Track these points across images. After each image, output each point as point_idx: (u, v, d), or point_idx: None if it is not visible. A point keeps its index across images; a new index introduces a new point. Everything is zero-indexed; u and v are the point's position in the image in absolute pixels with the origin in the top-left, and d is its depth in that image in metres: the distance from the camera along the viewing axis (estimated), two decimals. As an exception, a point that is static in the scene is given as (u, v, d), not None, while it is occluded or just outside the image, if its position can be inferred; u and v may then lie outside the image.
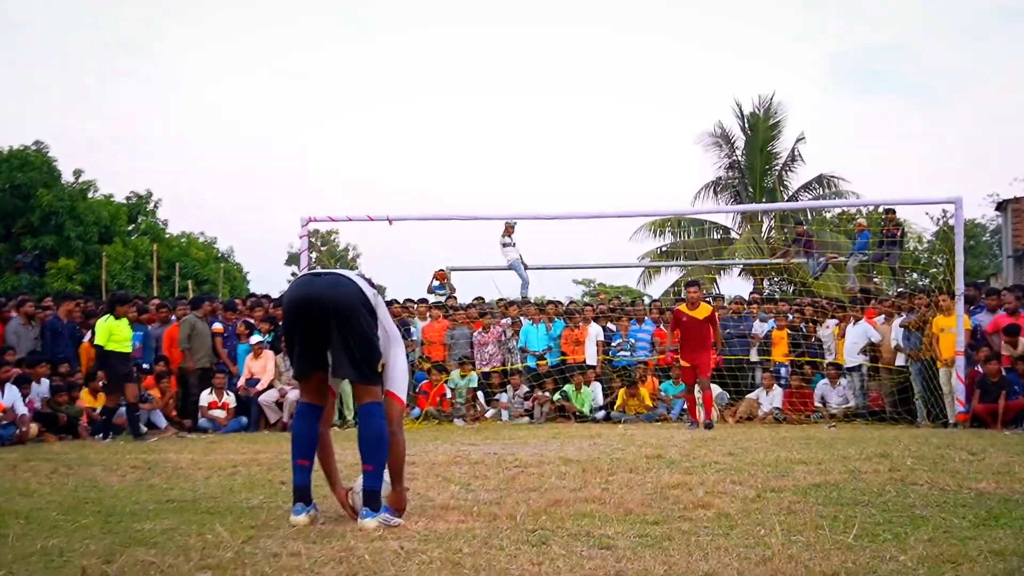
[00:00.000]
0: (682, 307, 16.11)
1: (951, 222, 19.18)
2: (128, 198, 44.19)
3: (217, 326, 17.71)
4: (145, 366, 16.55)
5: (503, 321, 20.00)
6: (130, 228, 43.51)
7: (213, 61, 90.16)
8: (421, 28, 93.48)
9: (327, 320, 6.04)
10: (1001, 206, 32.00)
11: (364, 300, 6.08)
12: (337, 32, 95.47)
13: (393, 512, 6.03)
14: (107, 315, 14.89)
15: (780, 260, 26.08)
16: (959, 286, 16.16)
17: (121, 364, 14.75)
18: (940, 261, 36.79)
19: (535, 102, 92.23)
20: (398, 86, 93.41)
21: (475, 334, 19.60)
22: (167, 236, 44.99)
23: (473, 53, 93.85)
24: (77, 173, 40.62)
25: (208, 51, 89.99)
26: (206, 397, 16.88)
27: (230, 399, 16.95)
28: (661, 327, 19.24)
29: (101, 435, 14.54)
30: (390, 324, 6.35)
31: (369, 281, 6.21)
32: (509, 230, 22.99)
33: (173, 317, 17.90)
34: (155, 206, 45.28)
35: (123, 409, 15.26)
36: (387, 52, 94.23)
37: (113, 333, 14.63)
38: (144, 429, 15.00)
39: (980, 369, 15.91)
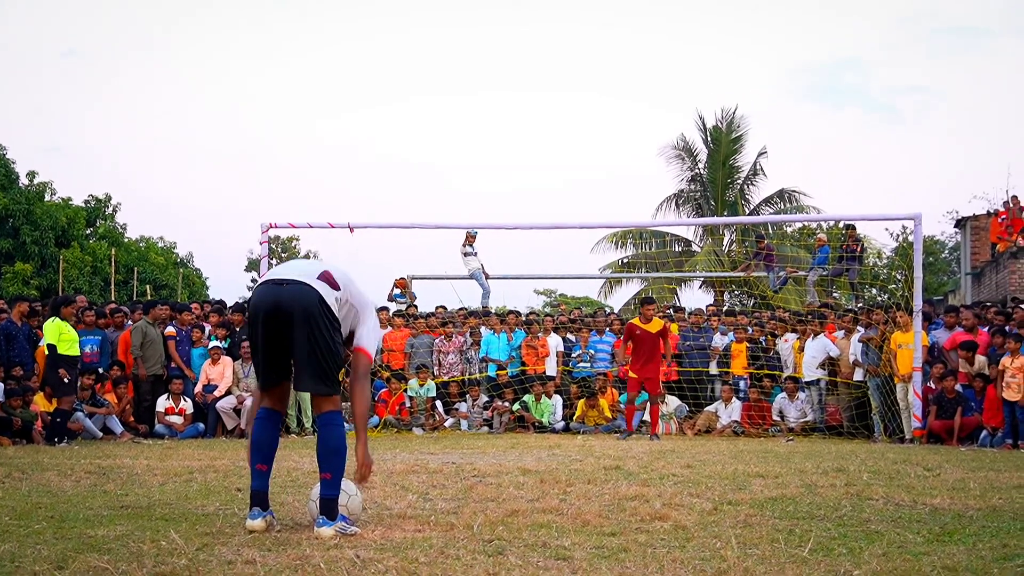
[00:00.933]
0: (636, 320, 16.18)
1: (910, 238, 19.31)
2: (87, 201, 43.86)
3: (170, 330, 17.57)
4: (101, 371, 16.40)
5: (464, 331, 19.98)
6: (88, 232, 43.17)
7: (171, 65, 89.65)
8: (379, 34, 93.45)
9: (290, 330, 6.02)
10: (960, 223, 32.33)
11: (326, 309, 6.04)
12: (297, 36, 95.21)
13: (350, 520, 5.99)
14: (52, 317, 14.73)
15: (741, 273, 26.24)
16: (917, 302, 16.32)
17: (69, 368, 14.63)
18: (899, 277, 37.06)
19: (497, 113, 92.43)
20: (362, 92, 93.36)
21: (437, 341, 19.56)
22: (126, 240, 44.69)
23: (433, 62, 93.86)
24: (31, 175, 40.21)
25: (166, 54, 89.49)
26: (163, 403, 16.72)
27: (187, 405, 16.82)
28: (621, 339, 19.31)
29: (57, 439, 14.37)
30: (360, 296, 6.34)
31: (329, 277, 6.13)
32: (470, 239, 23.00)
33: (129, 322, 17.73)
34: (114, 210, 44.99)
35: (80, 414, 15.14)
36: (349, 59, 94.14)
37: (62, 334, 14.48)
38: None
39: (932, 385, 16.06)
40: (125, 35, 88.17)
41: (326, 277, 6.12)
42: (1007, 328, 15.87)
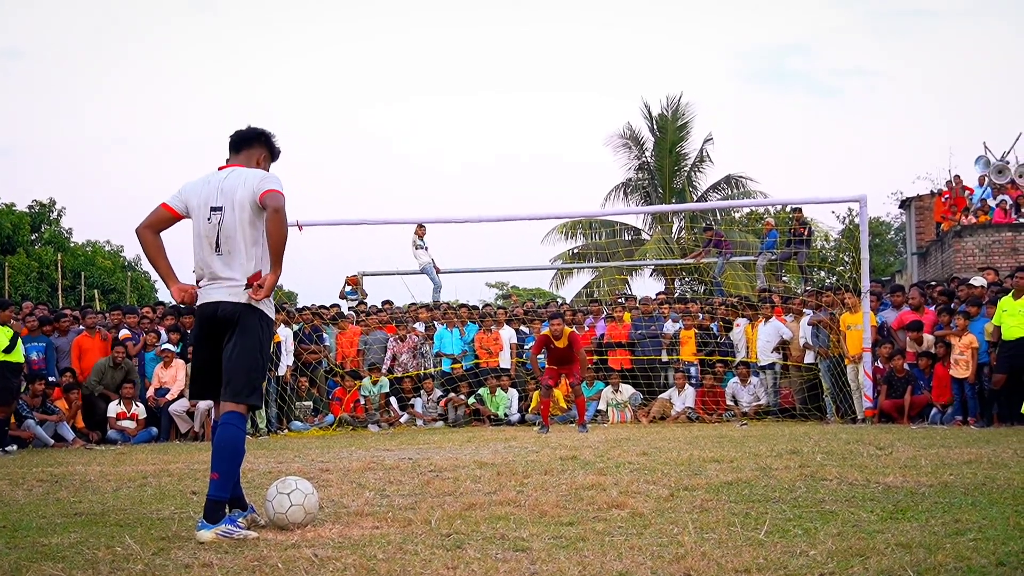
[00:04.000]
0: (548, 332, 16.07)
1: (856, 220, 19.50)
2: (31, 207, 43.32)
3: (124, 332, 17.44)
4: (51, 379, 16.21)
5: (418, 328, 19.93)
6: (33, 238, 42.64)
7: (114, 65, 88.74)
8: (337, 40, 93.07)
9: (221, 334, 6.10)
10: (905, 204, 32.62)
11: (258, 312, 6.07)
12: (245, 38, 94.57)
13: (239, 524, 5.90)
14: None
15: (692, 260, 26.39)
16: (864, 283, 16.48)
17: (10, 375, 14.35)
18: (847, 259, 37.44)
19: (440, 103, 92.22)
20: (301, 93, 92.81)
21: (390, 341, 19.51)
22: (72, 245, 44.20)
23: (375, 60, 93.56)
24: (-27, 182, 39.76)
25: (108, 55, 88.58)
26: (114, 408, 16.56)
27: (139, 410, 16.67)
28: (574, 329, 19.34)
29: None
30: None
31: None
32: (420, 231, 22.97)
33: (81, 327, 17.54)
34: (59, 215, 44.46)
35: (30, 421, 14.95)
36: (290, 61, 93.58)
37: None
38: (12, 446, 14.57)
39: (881, 365, 16.23)
40: (68, 35, 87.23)
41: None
42: (952, 307, 16.07)
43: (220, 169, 6.28)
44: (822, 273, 34.21)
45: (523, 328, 20.21)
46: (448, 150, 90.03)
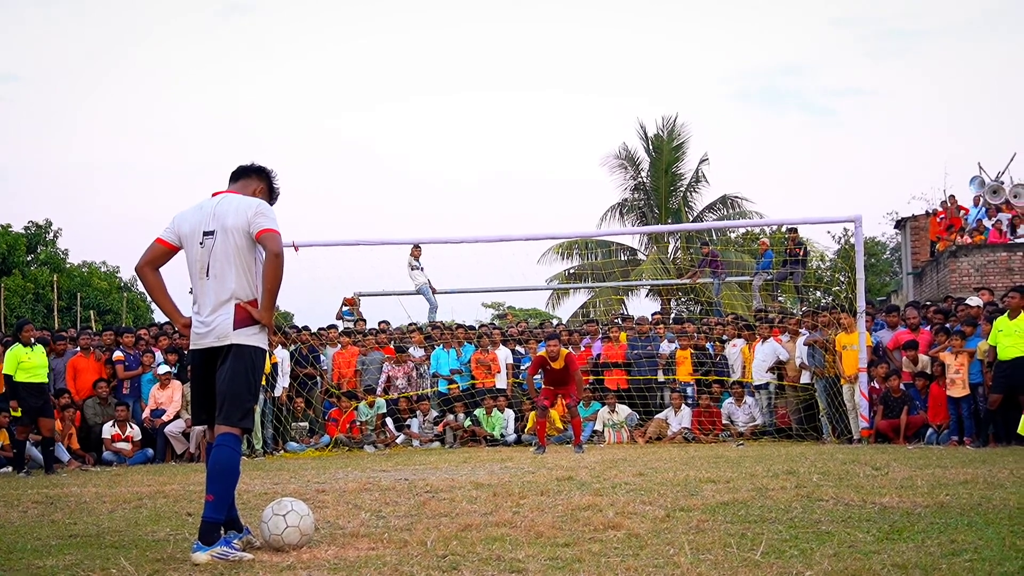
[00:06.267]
0: (544, 352, 16.10)
1: (852, 240, 19.54)
2: (27, 228, 43.32)
3: (118, 354, 17.42)
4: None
5: (416, 355, 19.92)
6: (29, 259, 42.62)
7: (108, 87, 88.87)
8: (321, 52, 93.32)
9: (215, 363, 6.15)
10: (900, 224, 32.68)
11: (249, 345, 6.12)
12: (238, 60, 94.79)
13: (235, 546, 5.88)
14: (15, 343, 14.47)
15: (687, 281, 26.40)
16: (860, 303, 16.49)
17: (33, 396, 14.31)
18: (842, 279, 37.47)
19: (436, 121, 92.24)
20: (296, 113, 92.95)
21: (386, 364, 19.49)
22: (68, 266, 44.18)
23: (374, 80, 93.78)
24: (-31, 203, 39.80)
25: (103, 77, 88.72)
26: (108, 430, 16.54)
27: (134, 431, 16.65)
28: (570, 350, 19.33)
29: (15, 469, 14.17)
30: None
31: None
32: (416, 252, 23.00)
33: (77, 348, 17.55)
34: (55, 236, 44.46)
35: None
36: (286, 81, 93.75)
37: (21, 361, 14.17)
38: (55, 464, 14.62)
39: (876, 385, 16.24)
40: (63, 59, 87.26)
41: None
42: (948, 326, 16.09)
43: (214, 195, 6.31)
44: (818, 293, 34.29)
45: (519, 348, 20.20)
46: (444, 169, 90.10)
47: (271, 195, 6.57)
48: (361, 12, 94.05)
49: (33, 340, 14.45)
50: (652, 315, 22.12)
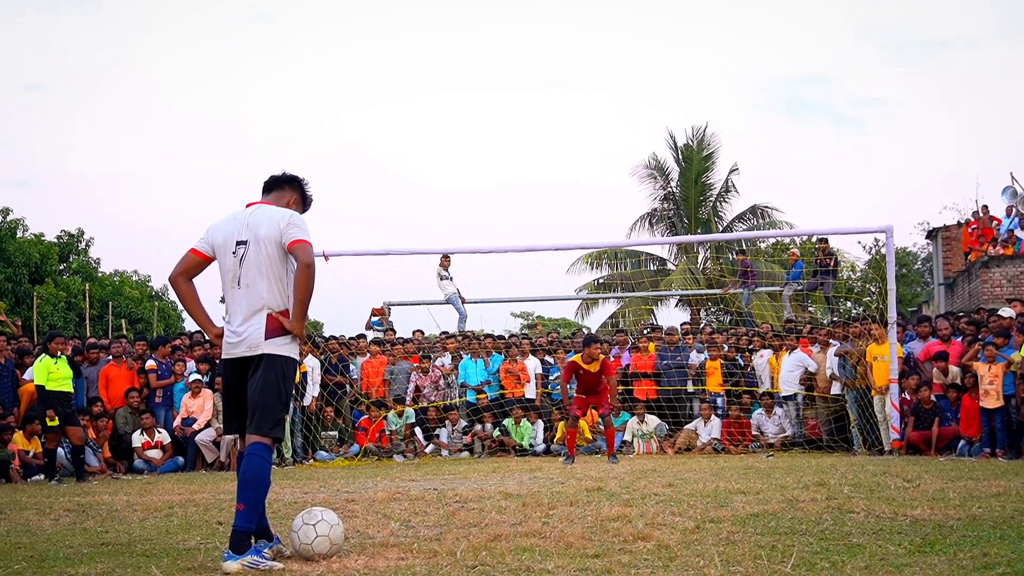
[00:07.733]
0: (578, 358, 15.94)
1: (883, 251, 19.40)
2: (59, 237, 43.69)
3: (150, 363, 17.54)
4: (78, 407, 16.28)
5: (444, 364, 19.91)
6: (61, 267, 42.98)
7: (140, 95, 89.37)
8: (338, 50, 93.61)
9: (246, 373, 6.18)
10: (931, 234, 32.53)
11: (280, 354, 6.14)
12: (268, 68, 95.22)
13: (266, 555, 5.91)
14: (43, 354, 14.62)
15: (719, 291, 26.35)
16: (891, 314, 16.40)
17: (60, 405, 14.42)
18: (873, 289, 37.28)
19: (469, 132, 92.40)
20: (326, 124, 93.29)
21: (413, 374, 19.51)
22: (100, 275, 44.50)
23: (399, 91, 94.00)
24: (4, 212, 40.09)
25: (134, 85, 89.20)
26: (139, 438, 16.64)
27: (163, 436, 16.74)
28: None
29: (47, 477, 14.28)
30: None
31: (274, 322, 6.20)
32: (445, 262, 23.05)
33: (109, 357, 17.68)
34: (87, 245, 44.83)
35: (60, 450, 15.01)
36: (308, 78, 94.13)
37: (51, 372, 14.31)
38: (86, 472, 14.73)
39: (908, 396, 16.13)
40: (92, 67, 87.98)
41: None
42: (980, 337, 15.97)
43: (248, 206, 6.35)
44: (848, 304, 34.13)
45: (548, 358, 20.18)
46: (473, 178, 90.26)
47: (304, 203, 6.62)
48: (381, 22, 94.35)
49: (59, 352, 14.58)
50: (681, 325, 22.04)
